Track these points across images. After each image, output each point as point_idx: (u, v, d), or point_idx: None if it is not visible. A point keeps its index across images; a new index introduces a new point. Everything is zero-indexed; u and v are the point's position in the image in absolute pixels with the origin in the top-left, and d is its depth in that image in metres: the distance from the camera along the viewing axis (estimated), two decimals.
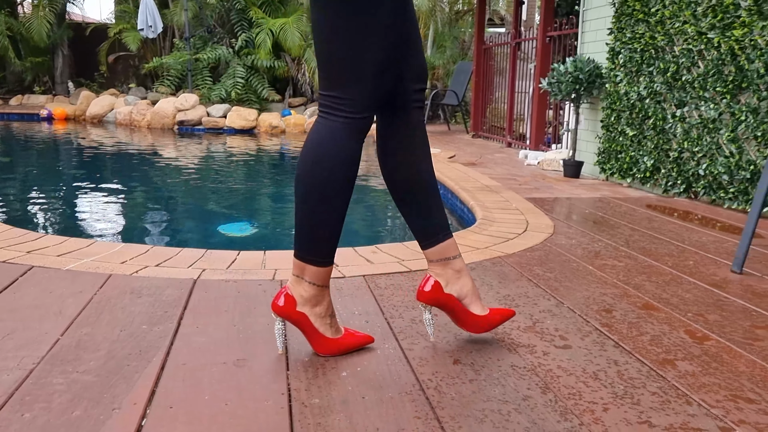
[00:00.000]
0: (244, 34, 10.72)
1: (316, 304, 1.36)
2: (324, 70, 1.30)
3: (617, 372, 1.34)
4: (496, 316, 1.46)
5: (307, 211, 1.31)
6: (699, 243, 2.54)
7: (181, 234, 3.44)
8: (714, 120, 3.35)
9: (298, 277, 1.35)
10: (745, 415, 1.17)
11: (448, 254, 1.41)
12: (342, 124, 1.30)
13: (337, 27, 1.25)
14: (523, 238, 2.54)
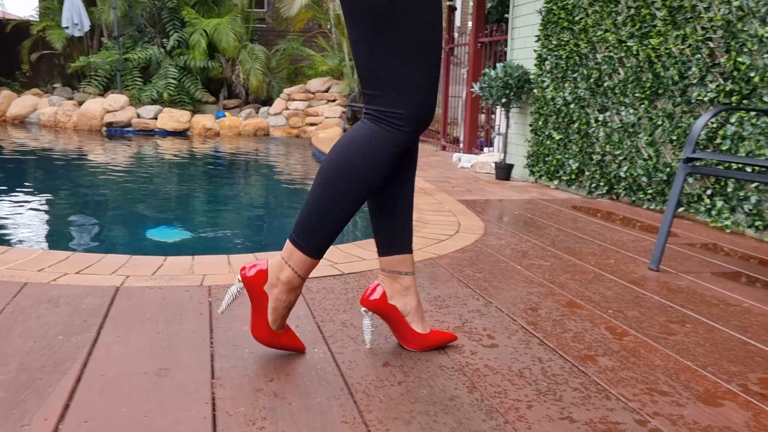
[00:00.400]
0: (176, 33, 10.41)
1: (286, 291, 1.34)
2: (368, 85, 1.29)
3: (541, 369, 1.38)
4: (434, 337, 1.44)
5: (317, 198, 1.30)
6: (620, 242, 2.66)
7: (105, 240, 3.30)
8: (633, 124, 3.52)
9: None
10: (660, 407, 1.23)
11: (401, 268, 1.41)
12: (389, 133, 1.29)
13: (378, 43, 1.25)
14: (455, 240, 2.58)
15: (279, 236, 3.49)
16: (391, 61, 1.25)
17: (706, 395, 1.28)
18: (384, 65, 1.25)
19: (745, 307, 1.85)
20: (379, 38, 1.24)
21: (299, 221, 1.32)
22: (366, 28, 1.25)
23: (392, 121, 1.28)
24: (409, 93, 1.27)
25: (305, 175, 5.75)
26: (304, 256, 1.32)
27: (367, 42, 1.25)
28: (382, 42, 1.24)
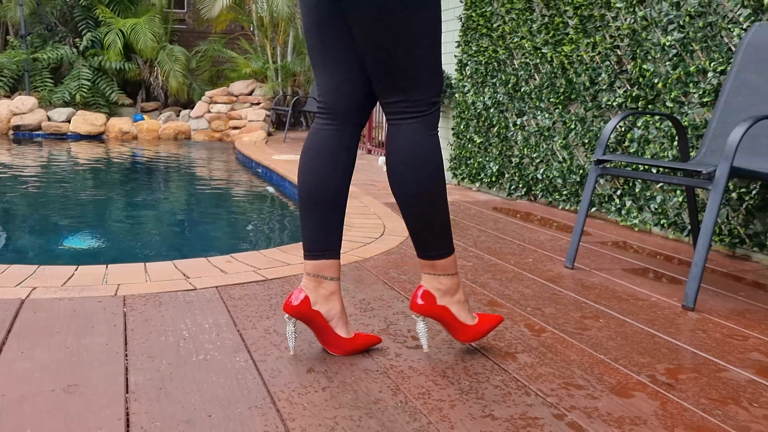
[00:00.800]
0: (89, 33, 9.90)
1: (454, 293, 1.41)
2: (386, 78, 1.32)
3: (464, 368, 1.40)
4: (359, 341, 1.44)
5: (422, 214, 1.36)
6: (538, 241, 2.76)
7: (11, 249, 3.07)
8: (549, 128, 3.66)
9: (430, 274, 1.40)
10: (576, 401, 1.27)
11: (327, 273, 1.39)
12: (418, 121, 1.34)
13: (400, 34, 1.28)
14: (380, 242, 2.58)
15: (200, 242, 3.38)
16: (417, 47, 1.29)
17: (619, 387, 1.34)
18: (411, 53, 1.29)
19: (652, 301, 1.96)
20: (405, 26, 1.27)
21: (422, 244, 1.38)
22: (393, 21, 1.26)
23: (421, 108, 1.34)
24: (432, 74, 1.33)
25: (228, 179, 5.60)
26: (443, 260, 1.39)
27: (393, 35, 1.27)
28: (409, 32, 1.27)
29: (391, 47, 1.29)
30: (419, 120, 1.34)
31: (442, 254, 1.38)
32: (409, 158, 1.33)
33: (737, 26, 2.55)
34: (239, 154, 7.05)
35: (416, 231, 1.38)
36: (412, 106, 1.34)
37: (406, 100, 1.33)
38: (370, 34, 1.28)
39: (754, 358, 1.53)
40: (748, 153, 2.29)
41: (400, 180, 1.35)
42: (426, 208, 1.35)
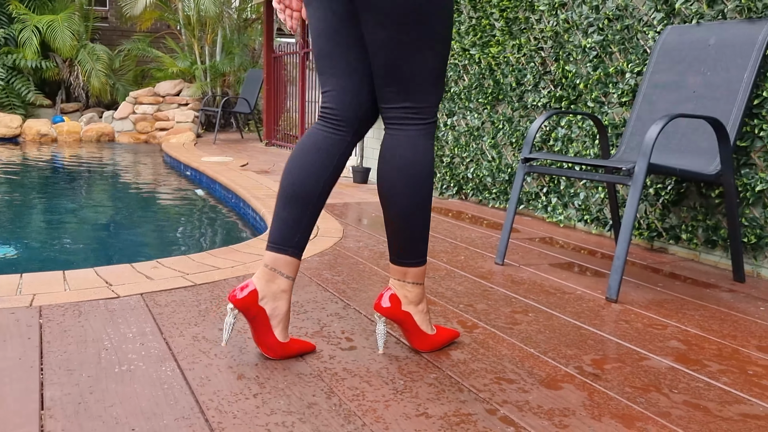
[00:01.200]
0: (2, 30, 9.28)
1: (419, 302, 1.43)
2: (394, 82, 1.33)
3: (398, 368, 1.39)
4: (294, 346, 1.40)
5: (407, 222, 1.37)
6: (469, 239, 2.80)
7: None
8: (478, 128, 3.74)
9: (400, 281, 1.42)
10: (508, 395, 1.29)
11: (284, 270, 1.36)
12: (420, 130, 1.36)
13: (406, 40, 1.29)
14: (314, 244, 2.55)
15: (125, 248, 3.23)
16: (422, 56, 1.31)
17: (548, 380, 1.37)
18: (416, 60, 1.31)
19: (578, 294, 2.03)
20: (416, 34, 1.28)
21: (398, 250, 1.40)
22: (404, 25, 1.27)
23: (420, 117, 1.35)
24: (434, 85, 1.35)
25: (155, 182, 5.39)
26: (416, 269, 1.41)
27: (402, 38, 1.28)
28: (418, 38, 1.29)
29: (405, 50, 1.30)
30: (421, 128, 1.36)
31: (416, 263, 1.40)
32: (406, 165, 1.34)
33: (651, 29, 2.69)
34: (167, 156, 6.81)
35: (397, 237, 1.39)
36: (417, 113, 1.35)
37: (412, 107, 1.35)
38: (385, 35, 1.29)
39: (673, 346, 1.60)
40: (663, 150, 2.41)
41: (394, 185, 1.35)
42: (413, 216, 1.36)
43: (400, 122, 1.36)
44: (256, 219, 3.43)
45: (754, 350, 1.59)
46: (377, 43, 1.30)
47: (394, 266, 1.42)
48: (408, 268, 1.40)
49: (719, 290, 2.13)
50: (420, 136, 1.35)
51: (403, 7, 1.26)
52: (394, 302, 1.41)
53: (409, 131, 1.35)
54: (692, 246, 2.58)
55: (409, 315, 1.42)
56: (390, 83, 1.34)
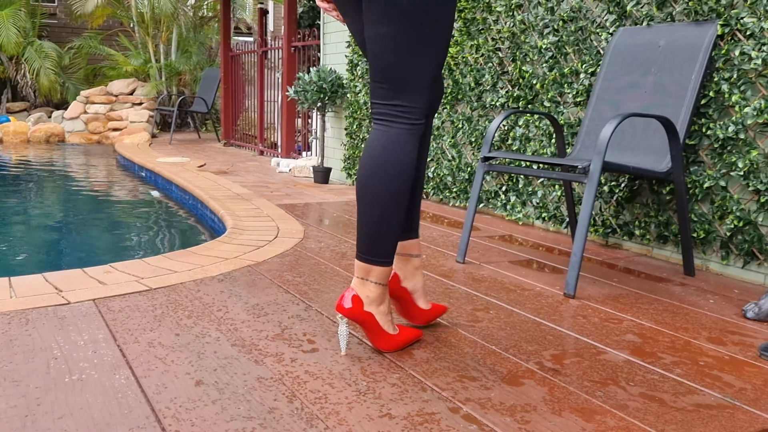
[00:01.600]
0: None
1: (380, 303, 1.43)
2: (387, 80, 1.37)
3: (361, 369, 1.38)
4: (435, 311, 1.62)
5: (376, 215, 1.38)
6: (430, 238, 2.81)
7: None
8: (438, 127, 3.76)
9: (363, 279, 1.42)
10: (470, 393, 1.30)
11: (413, 251, 1.56)
12: (409, 131, 1.38)
13: (404, 40, 1.32)
14: (274, 245, 2.51)
15: (77, 252, 3.12)
16: (419, 56, 1.34)
17: (509, 376, 1.38)
18: (412, 61, 1.34)
19: (537, 290, 2.06)
20: (415, 35, 1.32)
21: (365, 242, 1.40)
22: (404, 25, 1.31)
23: (409, 116, 1.38)
24: (425, 88, 1.38)
25: (108, 184, 5.23)
26: (381, 268, 1.41)
27: (401, 38, 1.32)
28: (416, 39, 1.32)
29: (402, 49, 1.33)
30: (408, 128, 1.39)
31: (381, 262, 1.41)
32: (387, 162, 1.37)
33: (604, 30, 2.75)
34: (120, 157, 6.62)
35: (368, 233, 1.40)
36: (406, 112, 1.38)
37: (402, 106, 1.38)
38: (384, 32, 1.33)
39: (629, 339, 1.64)
40: (617, 149, 2.47)
41: (371, 178, 1.38)
42: (385, 213, 1.38)
43: (389, 119, 1.39)
44: (215, 220, 3.37)
45: (704, 342, 1.64)
46: (376, 39, 1.34)
47: (358, 263, 1.42)
48: (372, 266, 1.40)
49: (671, 284, 2.19)
50: (406, 136, 1.38)
51: (407, 7, 1.30)
52: (356, 303, 1.40)
53: (396, 129, 1.38)
54: (645, 242, 2.65)
55: (371, 315, 1.42)
56: (383, 80, 1.37)
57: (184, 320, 1.62)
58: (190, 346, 1.46)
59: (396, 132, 1.38)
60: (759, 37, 2.21)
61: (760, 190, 2.22)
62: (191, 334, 1.53)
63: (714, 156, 2.37)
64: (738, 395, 1.33)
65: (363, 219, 1.40)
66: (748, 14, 2.24)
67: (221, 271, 2.09)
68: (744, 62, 2.25)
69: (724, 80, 2.32)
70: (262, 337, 1.53)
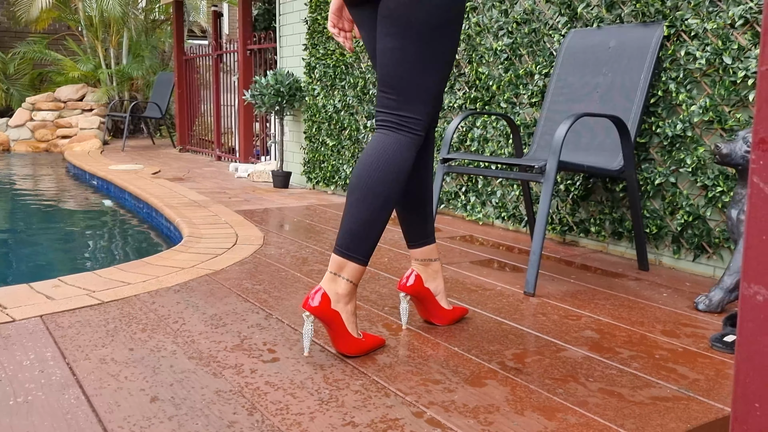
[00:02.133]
0: None
1: (348, 302, 1.43)
2: (394, 91, 1.43)
3: (323, 377, 1.36)
4: (457, 312, 1.70)
5: (364, 212, 1.41)
6: (392, 240, 2.80)
7: None
8: None
9: (335, 274, 1.42)
10: (434, 396, 1.29)
11: (432, 256, 1.65)
12: (409, 140, 1.44)
13: (414, 55, 1.39)
14: (232, 252, 2.46)
15: (22, 267, 2.99)
16: (425, 71, 1.41)
17: (472, 377, 1.38)
18: (418, 75, 1.41)
19: (498, 290, 2.07)
20: (424, 51, 1.39)
21: (346, 236, 1.42)
22: (415, 41, 1.38)
23: (411, 127, 1.45)
24: (428, 102, 1.45)
25: (57, 194, 5.05)
26: (356, 266, 1.42)
27: (410, 53, 1.39)
28: (425, 55, 1.40)
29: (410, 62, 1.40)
30: (409, 138, 1.44)
31: (357, 259, 1.42)
32: (385, 163, 1.41)
33: (557, 32, 2.80)
34: (70, 165, 6.40)
35: (351, 229, 1.42)
36: (408, 122, 1.44)
37: (405, 116, 1.44)
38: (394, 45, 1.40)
39: (587, 335, 1.67)
40: (572, 148, 2.51)
41: (365, 174, 1.42)
42: (374, 212, 1.42)
43: (392, 127, 1.45)
44: (170, 229, 3.28)
45: (659, 335, 1.68)
46: (386, 52, 1.42)
47: (334, 257, 1.43)
48: (348, 261, 1.41)
49: (627, 279, 2.24)
50: (406, 144, 1.44)
51: (418, 22, 1.37)
52: (324, 300, 1.39)
53: (398, 136, 1.44)
54: (600, 238, 2.71)
55: (337, 314, 1.41)
56: (389, 90, 1.45)
57: (138, 334, 1.57)
58: (145, 360, 1.41)
59: (397, 138, 1.44)
60: (702, 38, 2.29)
61: (707, 186, 2.30)
62: (146, 348, 1.48)
63: (664, 153, 2.44)
64: (692, 386, 1.36)
65: (349, 214, 1.42)
66: (692, 16, 2.32)
67: (177, 282, 2.03)
68: (689, 62, 2.33)
69: (672, 80, 2.39)
70: (221, 349, 1.49)
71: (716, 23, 2.23)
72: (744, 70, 2.15)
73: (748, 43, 2.15)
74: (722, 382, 1.39)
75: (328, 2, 4.20)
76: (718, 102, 2.25)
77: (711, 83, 2.27)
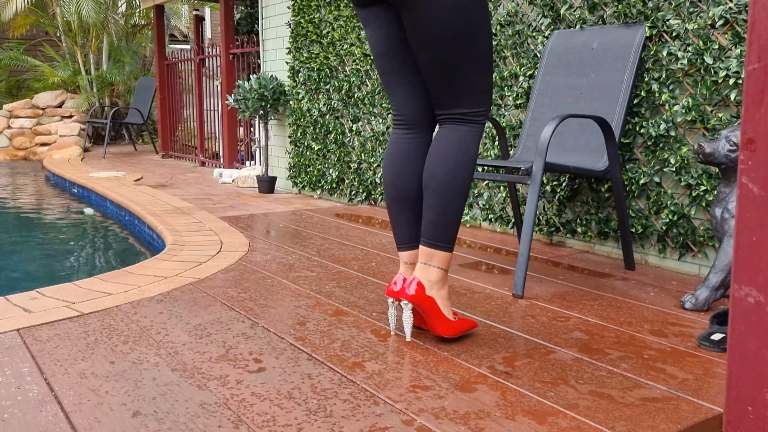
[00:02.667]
0: None
1: (441, 287, 1.53)
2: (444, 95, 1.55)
3: (311, 386, 1.33)
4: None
5: (441, 201, 1.51)
6: (380, 245, 2.78)
7: None
8: (383, 133, 3.75)
9: (426, 264, 1.52)
10: (424, 403, 1.27)
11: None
12: (470, 130, 1.55)
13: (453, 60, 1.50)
14: (217, 260, 2.43)
15: (1, 277, 2.92)
16: (474, 71, 1.52)
17: (462, 382, 1.37)
18: (469, 75, 1.51)
19: (486, 293, 2.06)
20: (465, 53, 1.49)
21: (429, 227, 1.53)
22: (451, 47, 1.48)
23: (474, 118, 1.56)
24: (485, 94, 1.56)
25: (37, 203, 4.96)
26: (446, 253, 1.53)
27: (452, 57, 1.49)
28: (463, 58, 1.49)
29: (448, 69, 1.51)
30: (472, 127, 1.56)
31: (445, 247, 1.53)
32: (454, 151, 1.52)
33: (540, 34, 2.80)
34: (50, 173, 6.30)
35: (433, 219, 1.52)
36: (468, 116, 1.56)
37: (463, 112, 1.55)
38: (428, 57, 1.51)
39: (576, 337, 1.66)
40: (558, 149, 2.51)
41: (439, 165, 1.52)
42: (451, 199, 1.51)
43: (454, 122, 1.57)
44: (153, 237, 3.23)
45: (648, 335, 1.68)
46: (424, 63, 1.54)
47: (422, 248, 1.54)
48: (436, 251, 1.52)
49: (614, 279, 2.25)
50: (471, 134, 1.56)
51: (443, 35, 1.47)
52: (419, 288, 1.50)
53: (461, 128, 1.56)
54: (587, 238, 2.71)
55: (432, 300, 1.52)
56: (441, 95, 1.56)
57: (119, 346, 1.53)
58: (126, 374, 1.38)
59: (460, 130, 1.56)
60: (684, 38, 2.30)
61: (691, 185, 2.31)
62: (127, 360, 1.44)
63: (648, 153, 2.45)
64: (681, 386, 1.36)
65: (429, 206, 1.53)
66: (673, 16, 2.33)
67: (160, 291, 1.99)
68: (671, 62, 2.34)
69: (654, 80, 2.40)
70: (205, 360, 1.46)
71: (697, 24, 2.24)
72: (725, 70, 2.17)
73: (729, 43, 2.17)
74: (711, 381, 1.39)
75: (311, 5, 4.18)
76: (700, 102, 2.26)
77: (693, 83, 2.28)
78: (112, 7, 8.91)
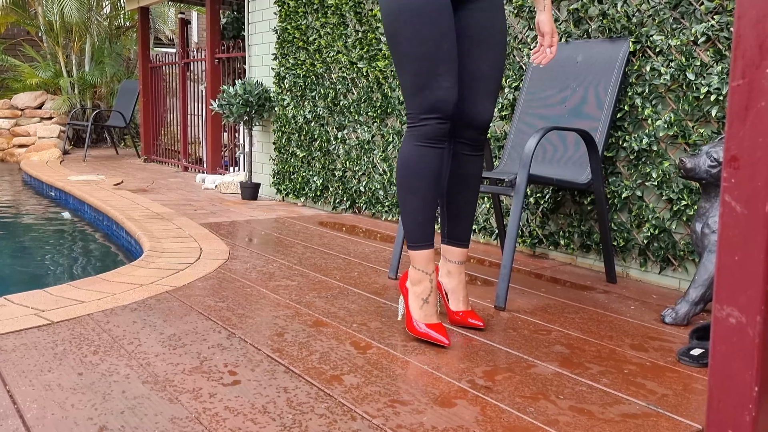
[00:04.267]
0: None
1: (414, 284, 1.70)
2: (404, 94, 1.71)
3: (287, 400, 1.30)
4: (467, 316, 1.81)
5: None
6: (362, 254, 2.76)
7: None
8: (369, 141, 3.73)
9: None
10: (402, 418, 1.24)
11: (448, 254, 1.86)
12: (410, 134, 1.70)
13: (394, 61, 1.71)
14: (195, 268, 2.38)
15: None
16: (399, 72, 1.67)
17: (442, 397, 1.34)
18: (399, 77, 1.68)
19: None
20: (394, 56, 1.66)
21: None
22: (391, 49, 1.66)
23: (410, 121, 1.68)
24: (408, 97, 1.66)
25: (11, 206, 4.86)
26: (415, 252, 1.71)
27: (393, 59, 1.68)
28: (394, 59, 1.67)
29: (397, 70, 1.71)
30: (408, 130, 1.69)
31: (411, 246, 1.69)
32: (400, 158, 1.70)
33: (526, 46, 2.81)
34: (26, 175, 6.18)
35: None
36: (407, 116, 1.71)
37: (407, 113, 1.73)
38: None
39: (557, 350, 1.65)
40: (542, 162, 2.51)
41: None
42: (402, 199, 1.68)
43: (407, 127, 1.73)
44: (131, 243, 3.17)
45: (628, 349, 1.67)
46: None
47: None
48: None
49: (595, 292, 2.24)
50: (406, 135, 1.69)
51: (388, 33, 1.66)
52: (403, 276, 1.73)
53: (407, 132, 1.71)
54: (569, 251, 2.71)
55: (406, 291, 1.72)
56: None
57: (89, 357, 1.48)
58: (95, 386, 1.33)
59: (407, 133, 1.69)
60: (667, 54, 2.31)
61: (672, 199, 2.31)
62: (97, 372, 1.40)
63: (630, 167, 2.46)
64: (660, 402, 1.34)
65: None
66: (656, 32, 2.34)
67: (135, 299, 1.94)
68: (654, 77, 2.35)
69: (638, 95, 2.41)
70: (178, 371, 1.42)
71: (680, 40, 2.26)
72: (706, 86, 2.18)
73: (711, 60, 2.18)
74: (690, 396, 1.38)
75: (298, 12, 4.16)
76: (682, 117, 2.28)
77: (675, 98, 2.29)
78: (96, 7, 8.81)
